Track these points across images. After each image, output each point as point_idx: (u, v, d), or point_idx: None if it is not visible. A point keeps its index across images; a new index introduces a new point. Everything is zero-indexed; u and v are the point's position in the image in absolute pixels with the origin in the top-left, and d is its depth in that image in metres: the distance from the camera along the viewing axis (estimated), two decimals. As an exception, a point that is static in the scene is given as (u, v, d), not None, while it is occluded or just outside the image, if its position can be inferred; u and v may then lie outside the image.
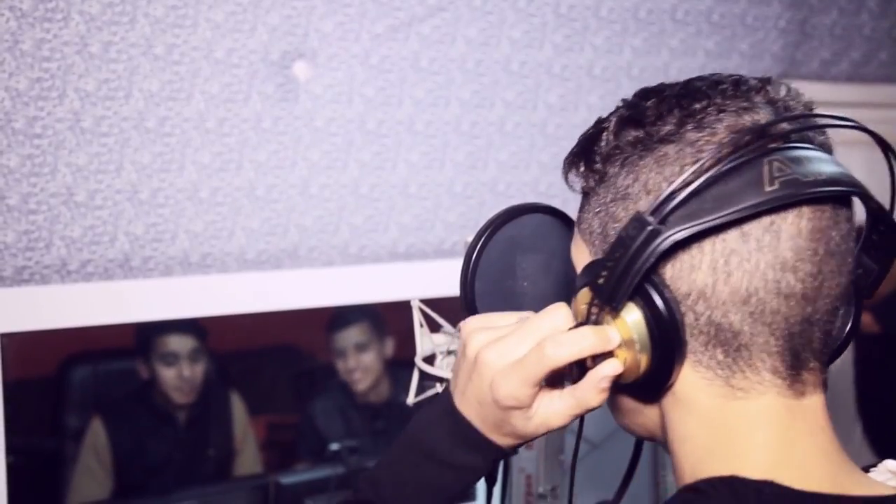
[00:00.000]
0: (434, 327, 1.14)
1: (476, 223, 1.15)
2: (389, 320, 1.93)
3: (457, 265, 0.93)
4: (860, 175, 0.70)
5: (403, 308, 1.16)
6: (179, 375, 1.79)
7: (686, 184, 0.64)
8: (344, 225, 1.81)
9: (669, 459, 0.72)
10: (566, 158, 0.76)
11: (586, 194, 0.74)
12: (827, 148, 0.69)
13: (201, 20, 1.65)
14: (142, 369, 1.79)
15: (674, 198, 0.64)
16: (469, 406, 0.75)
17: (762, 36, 2.24)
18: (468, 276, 0.92)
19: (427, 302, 1.14)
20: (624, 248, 0.65)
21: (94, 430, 1.75)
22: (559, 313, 0.72)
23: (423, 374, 1.11)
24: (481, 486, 0.89)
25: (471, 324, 0.77)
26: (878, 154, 0.72)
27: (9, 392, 1.48)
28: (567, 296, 0.74)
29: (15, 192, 1.54)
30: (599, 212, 0.72)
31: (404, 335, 1.72)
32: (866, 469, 0.72)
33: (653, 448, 1.60)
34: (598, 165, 0.72)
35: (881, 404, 2.75)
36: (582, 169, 0.74)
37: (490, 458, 0.77)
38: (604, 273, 0.67)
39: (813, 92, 0.74)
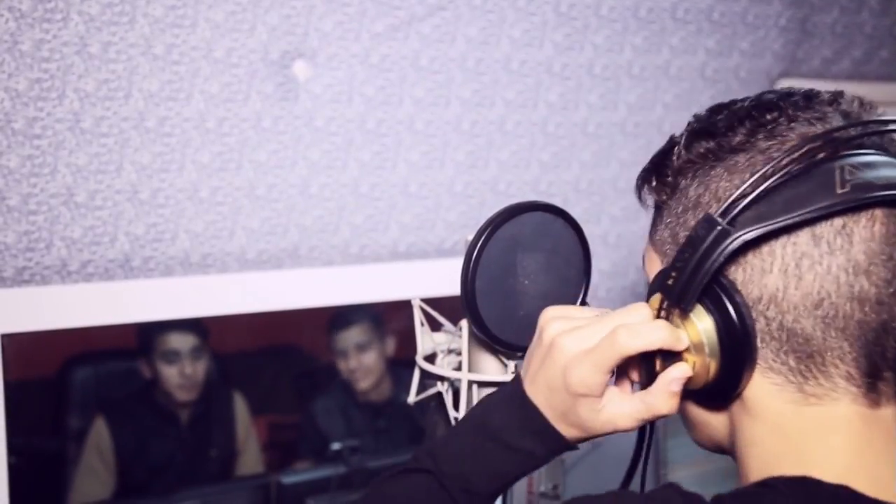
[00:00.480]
0: (435, 326, 1.14)
1: (476, 222, 1.15)
2: (390, 319, 1.93)
3: (458, 264, 0.93)
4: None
5: (404, 307, 1.16)
6: (181, 373, 1.79)
7: (755, 186, 0.64)
8: (344, 224, 1.81)
9: (671, 458, 0.72)
10: (639, 175, 0.76)
11: (658, 208, 0.75)
12: None
13: (201, 20, 1.65)
14: (144, 368, 1.79)
15: (743, 199, 0.64)
16: (538, 391, 0.76)
17: (763, 34, 2.24)
18: (469, 275, 0.92)
19: (428, 301, 1.14)
20: (693, 248, 0.65)
21: (97, 430, 1.75)
22: (639, 311, 0.73)
23: (424, 373, 1.10)
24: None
25: (549, 313, 0.78)
26: None
27: (10, 392, 1.48)
28: (567, 292, 0.74)
29: (15, 193, 1.54)
30: (671, 223, 0.72)
31: (405, 334, 1.72)
32: None
33: (654, 447, 1.59)
34: (670, 178, 0.72)
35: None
36: (654, 183, 0.75)
37: (551, 447, 0.78)
38: (673, 274, 0.67)
39: (813, 90, 0.74)
